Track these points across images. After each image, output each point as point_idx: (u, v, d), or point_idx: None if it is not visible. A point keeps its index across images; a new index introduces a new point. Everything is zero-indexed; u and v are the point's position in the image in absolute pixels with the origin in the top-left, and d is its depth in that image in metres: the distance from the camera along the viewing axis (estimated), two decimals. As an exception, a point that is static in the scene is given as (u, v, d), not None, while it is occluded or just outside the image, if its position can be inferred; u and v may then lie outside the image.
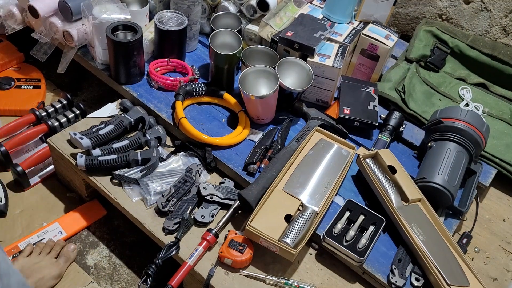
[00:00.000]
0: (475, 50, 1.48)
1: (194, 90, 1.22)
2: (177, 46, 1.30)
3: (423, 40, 1.50)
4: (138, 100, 1.23)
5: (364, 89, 1.31)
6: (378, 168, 1.10)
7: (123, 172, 1.07)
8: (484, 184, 1.20)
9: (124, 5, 1.23)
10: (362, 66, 1.38)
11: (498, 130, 1.32)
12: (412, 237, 0.98)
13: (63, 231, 1.12)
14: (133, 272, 1.11)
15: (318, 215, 1.00)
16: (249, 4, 1.36)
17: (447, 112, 1.17)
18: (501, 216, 1.22)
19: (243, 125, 1.19)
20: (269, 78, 1.17)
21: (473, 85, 1.45)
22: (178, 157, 1.13)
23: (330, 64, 1.21)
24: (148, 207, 1.04)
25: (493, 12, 1.56)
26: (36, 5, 1.24)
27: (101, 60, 1.27)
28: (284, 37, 1.23)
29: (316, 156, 1.12)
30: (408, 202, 1.05)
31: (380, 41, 1.30)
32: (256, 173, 1.10)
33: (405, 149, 1.26)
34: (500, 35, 1.59)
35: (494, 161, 1.25)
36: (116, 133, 1.14)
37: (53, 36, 1.30)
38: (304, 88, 1.19)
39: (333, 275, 1.00)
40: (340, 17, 1.36)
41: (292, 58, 1.22)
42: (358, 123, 1.22)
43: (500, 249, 1.15)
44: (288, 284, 0.95)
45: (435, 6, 1.65)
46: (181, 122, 1.14)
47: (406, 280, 0.96)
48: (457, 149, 1.12)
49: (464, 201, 1.12)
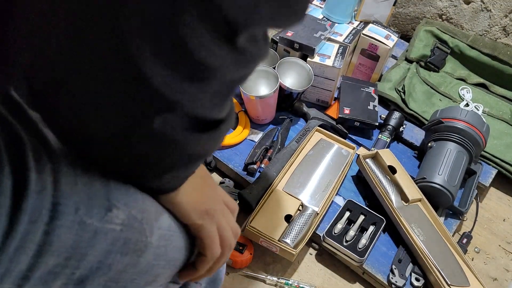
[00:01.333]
0: (475, 50, 1.48)
1: (194, 90, 1.21)
2: (177, 46, 1.29)
3: (423, 40, 1.50)
4: (138, 100, 1.23)
5: (364, 89, 1.31)
6: (378, 168, 1.10)
7: (123, 172, 1.07)
8: (484, 184, 1.20)
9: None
10: (362, 66, 1.38)
11: (498, 130, 1.32)
12: (412, 237, 0.98)
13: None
14: (133, 272, 1.11)
15: (318, 215, 1.00)
16: (249, 4, 1.35)
17: (447, 112, 1.17)
18: (501, 216, 1.22)
19: (243, 125, 1.19)
20: (269, 78, 1.17)
21: (473, 85, 1.45)
22: (178, 157, 1.13)
23: (330, 64, 1.21)
24: (148, 207, 1.04)
25: (493, 12, 1.56)
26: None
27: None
28: (284, 37, 1.23)
29: (316, 156, 1.12)
30: (408, 202, 1.05)
31: (380, 41, 1.30)
32: (256, 173, 1.10)
33: (405, 149, 1.26)
34: (500, 35, 1.59)
35: (494, 161, 1.25)
36: (116, 133, 1.13)
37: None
38: (304, 88, 1.19)
39: (333, 275, 1.00)
40: (340, 17, 1.36)
41: (292, 58, 1.22)
42: (358, 123, 1.22)
43: (500, 249, 1.15)
44: (288, 284, 0.95)
45: (435, 6, 1.65)
46: (181, 122, 1.14)
47: (406, 280, 0.96)
48: (457, 149, 1.12)
49: (464, 201, 1.12)
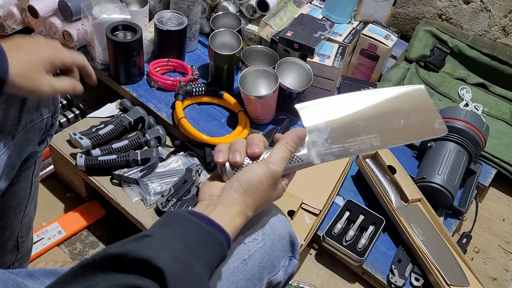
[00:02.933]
0: (474, 50, 1.48)
1: (194, 90, 1.22)
2: (176, 46, 1.30)
3: (423, 40, 1.51)
4: (137, 100, 1.23)
5: (363, 89, 1.31)
6: (378, 168, 1.10)
7: (122, 172, 1.07)
8: (484, 184, 1.20)
9: (124, 5, 1.23)
10: (361, 66, 1.38)
11: (498, 130, 1.33)
12: (411, 237, 0.98)
13: (63, 231, 1.12)
14: (133, 272, 1.11)
15: (318, 215, 1.00)
16: (248, 4, 1.36)
17: (447, 112, 1.17)
18: (500, 216, 1.22)
19: (242, 125, 1.19)
20: (269, 78, 1.17)
21: (473, 85, 1.46)
22: (178, 157, 1.13)
23: (330, 64, 1.21)
24: (148, 207, 1.04)
25: (493, 12, 1.56)
26: (36, 5, 1.23)
27: (101, 60, 1.27)
28: (284, 37, 1.23)
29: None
30: (408, 202, 1.05)
31: (379, 41, 1.30)
32: (256, 173, 1.10)
33: (404, 149, 1.26)
34: (499, 35, 1.59)
35: (494, 161, 1.25)
36: (115, 133, 1.14)
37: (53, 36, 1.30)
38: (304, 88, 1.19)
39: (333, 275, 1.00)
40: (339, 17, 1.36)
41: (292, 58, 1.22)
42: (358, 123, 1.22)
43: (499, 249, 1.15)
44: (288, 284, 0.95)
45: (435, 6, 1.65)
46: (180, 122, 1.14)
47: (405, 280, 0.96)
48: (457, 149, 1.12)
49: (463, 201, 1.13)
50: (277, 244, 0.61)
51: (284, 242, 0.62)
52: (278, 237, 0.61)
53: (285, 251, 0.62)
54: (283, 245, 0.62)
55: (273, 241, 0.60)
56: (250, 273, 0.57)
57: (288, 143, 0.56)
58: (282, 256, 0.61)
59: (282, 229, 0.62)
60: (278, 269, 0.61)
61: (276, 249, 0.60)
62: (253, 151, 0.55)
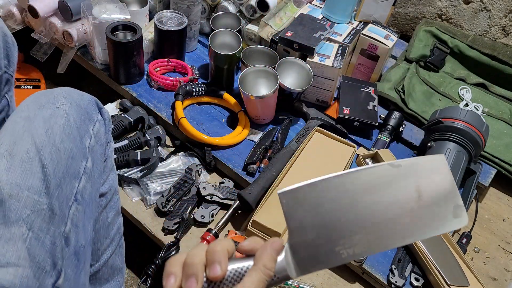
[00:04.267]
0: (474, 50, 1.48)
1: (194, 90, 1.22)
2: (176, 46, 1.30)
3: (423, 40, 1.51)
4: (137, 100, 1.23)
5: (363, 89, 1.31)
6: (377, 168, 1.10)
7: (122, 172, 1.07)
8: (484, 184, 1.20)
9: (124, 5, 1.23)
10: (361, 66, 1.38)
11: (498, 130, 1.33)
12: (411, 237, 0.98)
13: (63, 231, 1.12)
14: (133, 272, 1.11)
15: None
16: (248, 4, 1.36)
17: (447, 112, 1.17)
18: (500, 216, 1.22)
19: (242, 125, 1.19)
20: (269, 78, 1.17)
21: (473, 85, 1.46)
22: (178, 157, 1.13)
23: (330, 64, 1.21)
24: (148, 207, 1.04)
25: (493, 12, 1.56)
26: (36, 5, 1.23)
27: (101, 60, 1.27)
28: (284, 37, 1.23)
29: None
30: (408, 202, 1.05)
31: (379, 41, 1.30)
32: (256, 173, 1.10)
33: (405, 149, 1.26)
34: (499, 35, 1.59)
35: (494, 161, 1.25)
36: (115, 133, 1.14)
37: (53, 36, 1.30)
38: (304, 88, 1.19)
39: (333, 275, 1.00)
40: (339, 17, 1.36)
41: (292, 58, 1.22)
42: (358, 123, 1.22)
43: (499, 249, 1.15)
44: (288, 284, 0.95)
45: (435, 6, 1.65)
46: (180, 122, 1.14)
47: (405, 280, 0.96)
48: (457, 149, 1.12)
49: (463, 201, 1.13)
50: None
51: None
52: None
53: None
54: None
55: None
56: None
57: (266, 266, 0.43)
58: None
59: None
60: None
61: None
62: (214, 274, 0.41)
